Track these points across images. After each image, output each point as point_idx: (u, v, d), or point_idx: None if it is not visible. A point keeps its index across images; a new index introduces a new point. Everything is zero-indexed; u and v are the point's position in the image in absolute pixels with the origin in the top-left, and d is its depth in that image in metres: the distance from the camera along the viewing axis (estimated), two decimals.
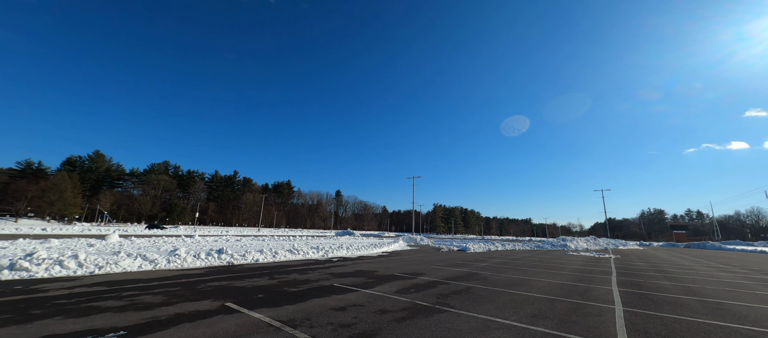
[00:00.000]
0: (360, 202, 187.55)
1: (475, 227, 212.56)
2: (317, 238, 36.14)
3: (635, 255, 25.05)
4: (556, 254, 23.14)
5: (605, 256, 21.68)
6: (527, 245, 29.67)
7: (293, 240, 29.39)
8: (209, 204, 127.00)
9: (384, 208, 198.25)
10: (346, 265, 12.26)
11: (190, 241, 20.06)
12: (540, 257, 19.87)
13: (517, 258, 18.66)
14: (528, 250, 26.84)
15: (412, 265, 12.95)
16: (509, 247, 28.21)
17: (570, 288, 8.59)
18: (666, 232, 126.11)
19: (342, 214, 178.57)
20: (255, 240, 24.81)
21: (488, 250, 24.64)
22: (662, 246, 56.68)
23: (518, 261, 16.72)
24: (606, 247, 34.03)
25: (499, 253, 22.10)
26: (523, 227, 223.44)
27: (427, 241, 36.04)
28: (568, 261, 17.65)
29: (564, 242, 31.91)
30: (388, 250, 21.84)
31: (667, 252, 30.40)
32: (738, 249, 40.37)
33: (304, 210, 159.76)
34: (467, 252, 22.69)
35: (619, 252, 28.37)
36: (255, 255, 12.71)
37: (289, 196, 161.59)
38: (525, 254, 22.19)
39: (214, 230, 53.80)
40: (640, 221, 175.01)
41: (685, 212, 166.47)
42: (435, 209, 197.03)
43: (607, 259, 19.59)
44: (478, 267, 12.82)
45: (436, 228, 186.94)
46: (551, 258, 19.51)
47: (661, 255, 26.60)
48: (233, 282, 7.79)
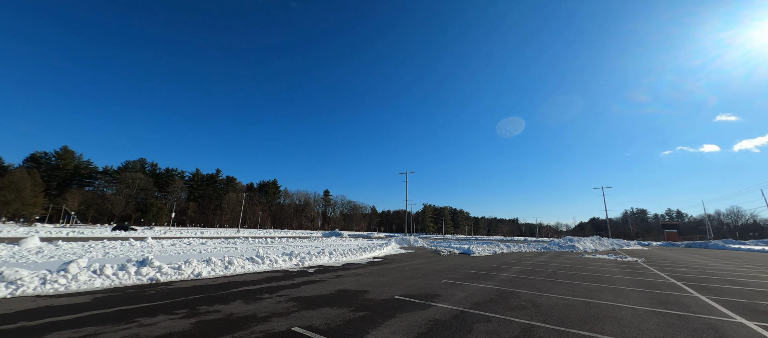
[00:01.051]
0: (349, 202, 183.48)
1: (464, 227, 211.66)
2: (299, 240, 32.35)
3: (658, 257, 22.53)
4: (574, 258, 20.25)
5: (630, 259, 18.92)
6: (532, 246, 26.92)
7: (269, 242, 25.51)
8: (189, 204, 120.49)
9: (373, 208, 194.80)
10: (324, 281, 8.73)
11: (128, 246, 16.05)
12: (562, 262, 16.87)
13: (536, 264, 15.54)
14: (537, 253, 23.96)
15: (415, 279, 9.53)
16: (514, 249, 25.29)
17: (681, 324, 5.35)
18: (653, 231, 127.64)
19: (330, 215, 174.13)
20: (224, 244, 20.94)
21: (494, 253, 21.60)
22: (663, 245, 55.35)
23: (543, 268, 13.56)
24: (613, 247, 31.69)
25: (511, 257, 19.03)
26: (511, 227, 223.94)
27: (421, 242, 32.81)
28: (600, 267, 14.66)
29: (571, 243, 29.30)
30: (380, 255, 18.39)
31: (682, 253, 28.24)
32: (743, 249, 38.90)
33: (290, 210, 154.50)
34: (472, 255, 19.53)
35: (634, 253, 25.94)
36: (197, 268, 9.04)
37: (276, 196, 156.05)
38: (541, 258, 19.17)
39: (188, 231, 49.15)
40: (623, 220, 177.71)
41: (666, 211, 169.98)
42: (424, 209, 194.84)
43: (639, 264, 16.76)
44: (505, 282, 9.52)
45: (426, 229, 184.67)
46: (576, 263, 16.53)
47: (684, 257, 24.19)
48: (105, 329, 4.18)
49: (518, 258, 18.15)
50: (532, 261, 16.51)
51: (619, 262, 17.10)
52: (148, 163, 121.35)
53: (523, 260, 17.23)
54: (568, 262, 16.60)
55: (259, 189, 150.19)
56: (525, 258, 18.31)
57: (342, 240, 38.42)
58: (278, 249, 16.84)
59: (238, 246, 19.09)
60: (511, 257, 19.00)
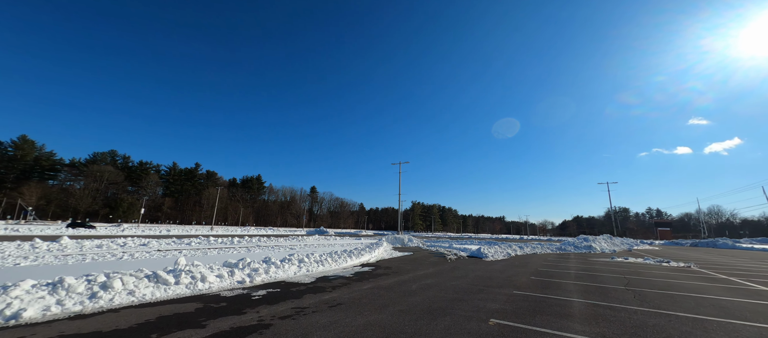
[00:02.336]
0: (336, 199, 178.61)
1: (452, 225, 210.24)
2: (274, 239, 27.77)
3: (696, 259, 19.26)
4: (614, 263, 16.63)
5: (681, 264, 15.42)
6: (544, 246, 23.37)
7: (236, 242, 20.88)
8: (165, 200, 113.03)
9: (361, 206, 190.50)
10: (266, 326, 4.46)
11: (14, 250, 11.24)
12: (611, 269, 13.13)
13: (585, 275, 11.68)
14: (559, 255, 20.33)
15: (437, 313, 5.39)
16: (528, 250, 21.59)
17: None
18: (641, 230, 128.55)
19: (317, 212, 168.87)
20: (174, 246, 16.26)
21: (509, 256, 17.80)
22: (667, 244, 53.39)
23: (604, 282, 9.64)
24: (630, 248, 28.65)
25: (537, 262, 15.20)
26: (498, 225, 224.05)
27: (416, 242, 28.82)
28: (667, 276, 10.94)
29: (587, 242, 25.94)
30: (370, 260, 14.19)
31: (705, 253, 25.25)
32: (757, 248, 36.83)
33: (275, 207, 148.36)
34: (485, 259, 15.60)
35: (657, 253, 22.74)
36: (23, 300, 4.60)
37: (259, 192, 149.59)
38: (575, 263, 15.42)
39: (155, 229, 43.72)
40: (606, 219, 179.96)
41: (646, 210, 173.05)
42: (413, 206, 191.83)
43: (691, 268, 13.22)
44: (590, 317, 5.48)
45: (414, 227, 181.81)
46: (627, 270, 12.81)
47: (721, 259, 21.01)
48: None
49: (549, 265, 14.33)
50: (570, 269, 12.72)
51: (673, 268, 13.58)
52: (119, 156, 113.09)
53: (557, 267, 13.42)
54: (619, 270, 12.89)
55: (241, 184, 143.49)
56: (556, 264, 14.51)
57: (325, 239, 34.02)
58: (217, 258, 12.41)
59: (184, 250, 14.54)
60: (537, 262, 15.22)
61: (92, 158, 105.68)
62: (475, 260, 15.61)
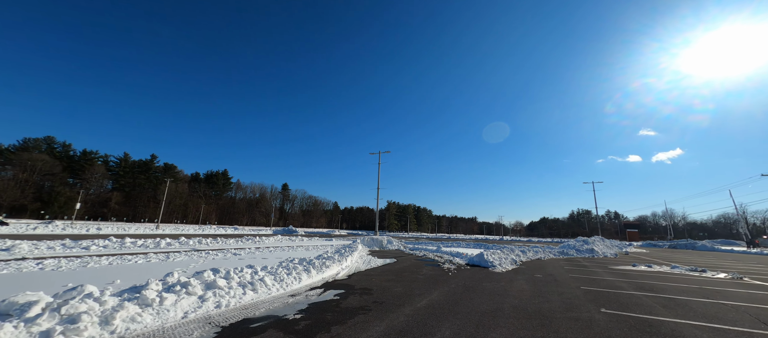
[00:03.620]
0: (309, 197, 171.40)
1: (427, 225, 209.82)
2: (224, 240, 22.53)
3: (714, 266, 16.88)
4: (642, 272, 13.51)
5: (721, 276, 12.59)
6: (547, 250, 20.18)
7: (163, 245, 15.56)
8: (113, 195, 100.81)
9: (335, 204, 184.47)
10: None
11: None
12: (664, 285, 9.77)
13: (642, 293, 8.14)
14: (570, 260, 17.09)
15: None
16: (532, 255, 18.22)
17: None
18: (607, 231, 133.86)
19: (288, 210, 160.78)
20: (53, 250, 10.93)
21: (516, 263, 14.22)
22: (645, 245, 53.55)
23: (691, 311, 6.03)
24: (625, 250, 26.51)
25: (564, 274, 11.67)
26: (471, 225, 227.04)
27: (396, 243, 24.80)
28: (739, 293, 7.69)
29: (588, 245, 23.27)
30: (339, 276, 9.87)
31: (700, 256, 23.57)
32: (737, 251, 36.85)
33: (242, 204, 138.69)
34: (494, 270, 11.82)
35: (660, 257, 20.44)
36: None
37: (226, 188, 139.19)
38: (600, 273, 12.03)
39: (84, 226, 36.15)
40: (570, 221, 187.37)
41: (605, 213, 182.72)
42: (389, 206, 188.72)
43: (744, 281, 10.28)
44: None
45: (390, 226, 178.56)
46: (682, 287, 9.53)
47: (736, 264, 18.88)
48: None
49: (586, 279, 10.79)
50: (622, 287, 9.22)
51: (724, 281, 10.59)
52: (58, 143, 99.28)
53: (601, 282, 9.88)
54: (680, 288, 9.58)
55: (205, 180, 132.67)
56: (592, 278, 11.02)
57: (291, 240, 29.08)
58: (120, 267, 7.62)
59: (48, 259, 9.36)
60: (563, 274, 11.68)
61: (22, 144, 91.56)
62: (482, 271, 11.77)
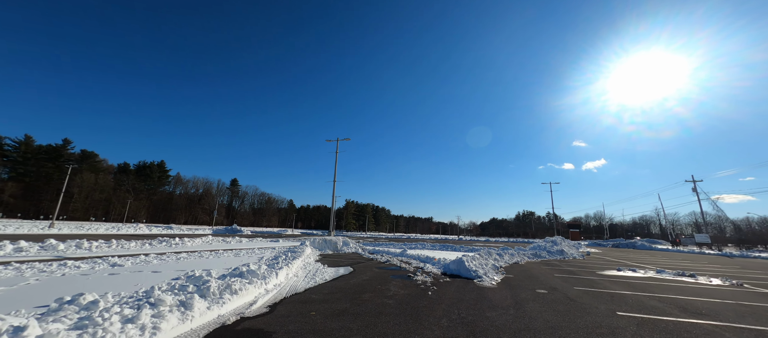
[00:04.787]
0: (262, 194, 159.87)
1: (385, 224, 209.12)
2: (132, 241, 16.99)
3: (681, 267, 16.10)
4: (639, 280, 11.66)
5: (696, 278, 11.19)
6: (523, 253, 18.04)
7: None
8: (7, 185, 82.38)
9: (290, 202, 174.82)
10: None
11: None
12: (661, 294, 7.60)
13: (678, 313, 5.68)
14: (556, 267, 15.02)
15: None
16: (508, 259, 15.91)
17: None
18: (550, 231, 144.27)
19: (238, 207, 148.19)
20: None
21: (496, 269, 11.60)
22: (591, 244, 56.19)
23: None
24: (588, 252, 26.00)
25: (562, 284, 9.14)
26: (429, 225, 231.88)
27: (353, 245, 21.25)
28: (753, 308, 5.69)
29: (557, 246, 21.92)
30: (260, 304, 6.12)
31: (663, 257, 23.84)
32: (672, 250, 39.66)
33: (182, 200, 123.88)
34: (483, 284, 8.92)
35: (624, 258, 19.78)
36: None
37: (162, 182, 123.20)
38: (609, 285, 9.78)
39: None
40: (517, 221, 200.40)
41: (546, 214, 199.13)
42: (347, 205, 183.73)
43: (744, 287, 8.78)
44: None
45: (347, 226, 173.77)
46: (692, 296, 7.44)
47: (695, 266, 18.55)
48: None
49: (583, 292, 8.33)
50: (642, 306, 6.80)
51: (724, 288, 8.95)
52: None
53: (617, 301, 7.44)
54: (688, 298, 7.47)
55: (136, 172, 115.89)
56: (601, 296, 8.61)
57: (225, 242, 23.95)
58: None
59: None
60: (553, 282, 9.18)
61: None
62: (468, 285, 8.77)
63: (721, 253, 36.48)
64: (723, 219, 66.59)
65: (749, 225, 67.84)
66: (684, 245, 57.53)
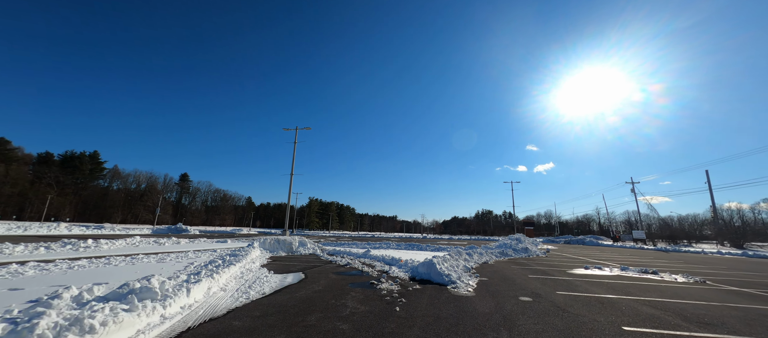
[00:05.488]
0: (216, 191, 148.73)
1: (350, 223, 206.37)
2: (31, 245, 13.23)
3: (628, 262, 16.45)
4: (612, 276, 11.12)
5: (659, 275, 11.05)
6: (490, 252, 17.25)
7: None
8: None
9: (249, 200, 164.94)
10: None
11: None
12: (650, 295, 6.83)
13: None
14: (527, 266, 14.25)
15: None
16: (477, 258, 14.97)
17: None
18: (506, 229, 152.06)
19: (188, 204, 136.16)
20: None
21: (468, 270, 10.42)
22: (545, 241, 58.92)
23: None
24: (548, 248, 26.45)
25: (543, 288, 8.06)
26: (393, 224, 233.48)
27: (311, 246, 19.12)
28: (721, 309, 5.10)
29: (521, 243, 21.68)
30: (175, 329, 4.02)
31: (619, 253, 24.93)
32: (605, 244, 42.68)
33: (119, 196, 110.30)
34: (459, 292, 7.52)
35: (585, 255, 20.12)
36: None
37: (95, 175, 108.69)
38: (590, 287, 8.93)
39: None
40: (476, 219, 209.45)
41: (502, 213, 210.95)
42: (310, 203, 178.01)
43: (707, 284, 8.52)
44: None
45: (310, 225, 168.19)
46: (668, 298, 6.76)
47: (645, 260, 19.23)
48: None
49: (569, 298, 7.31)
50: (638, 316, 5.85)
51: (687, 286, 8.64)
52: None
53: (610, 309, 6.45)
54: (676, 301, 6.76)
55: (61, 163, 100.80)
56: (588, 302, 7.65)
57: (158, 243, 20.43)
58: None
59: None
60: (532, 286, 8.12)
61: None
62: (442, 294, 7.32)
63: (657, 248, 39.98)
64: (651, 217, 74.44)
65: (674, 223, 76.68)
66: (623, 241, 63.00)
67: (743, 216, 55.94)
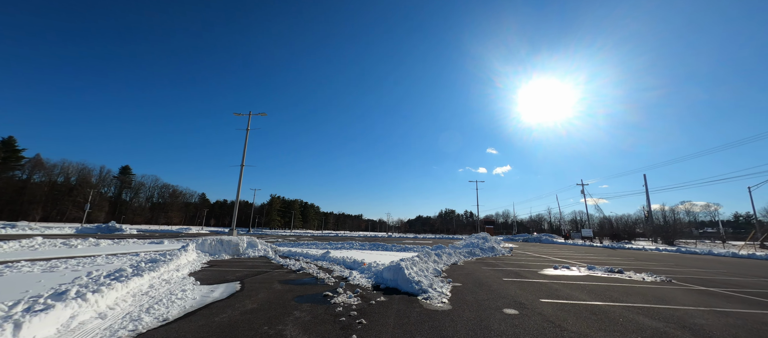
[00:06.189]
0: (165, 186, 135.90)
1: (313, 222, 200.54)
2: None
3: (588, 260, 16.60)
4: (585, 277, 10.50)
5: (625, 274, 10.83)
6: (459, 252, 16.18)
7: None
8: None
9: (202, 196, 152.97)
10: None
11: None
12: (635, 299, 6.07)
13: None
14: (487, 263, 13.37)
15: None
16: (446, 259, 13.84)
17: None
18: (467, 227, 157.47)
19: (130, 201, 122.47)
20: None
21: (438, 273, 9.17)
22: (505, 239, 60.77)
23: None
24: (511, 247, 26.53)
25: (526, 295, 6.97)
26: (358, 222, 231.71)
27: (263, 247, 16.82)
28: None
29: (489, 243, 21.21)
30: None
31: (573, 250, 25.68)
32: (560, 242, 45.02)
33: (42, 190, 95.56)
34: (433, 304, 6.12)
35: (547, 253, 20.22)
36: None
37: (10, 165, 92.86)
38: (574, 291, 8.04)
39: None
40: (439, 218, 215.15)
41: (464, 212, 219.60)
42: (272, 201, 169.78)
43: (673, 283, 8.26)
44: None
45: (271, 223, 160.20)
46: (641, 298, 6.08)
47: (601, 259, 19.67)
48: None
49: (555, 306, 6.29)
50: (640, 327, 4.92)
51: (655, 284, 8.30)
52: None
53: (606, 324, 5.46)
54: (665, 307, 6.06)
55: None
56: (577, 311, 6.67)
57: (63, 246, 16.76)
58: None
59: None
60: (512, 292, 7.04)
61: None
62: (412, 307, 5.86)
63: (604, 245, 42.84)
64: (593, 217, 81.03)
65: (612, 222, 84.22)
66: (573, 239, 67.45)
67: (665, 216, 62.65)
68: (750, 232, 40.14)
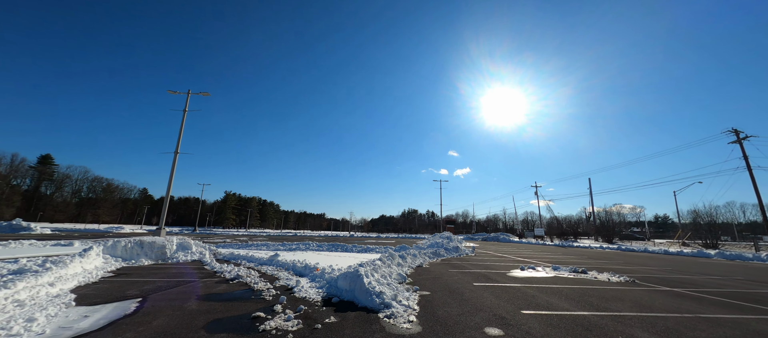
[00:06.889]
0: (96, 179, 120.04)
1: (272, 221, 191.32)
2: None
3: (547, 259, 16.65)
4: (554, 278, 9.85)
5: (593, 275, 10.55)
6: (424, 253, 15.13)
7: None
8: None
9: (144, 192, 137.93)
10: None
11: None
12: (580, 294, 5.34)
13: None
14: (452, 264, 12.35)
15: None
16: (410, 261, 12.62)
17: None
18: (429, 226, 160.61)
19: (51, 195, 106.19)
20: None
21: (403, 278, 7.86)
22: (467, 238, 61.81)
23: None
24: (473, 246, 26.32)
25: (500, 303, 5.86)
26: (321, 221, 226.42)
27: (199, 249, 14.28)
28: None
29: (452, 242, 20.38)
30: None
31: (526, 248, 26.16)
32: (524, 241, 46.88)
33: None
34: (393, 321, 4.75)
35: (509, 252, 20.16)
36: None
37: None
38: (550, 296, 7.14)
39: None
40: (402, 218, 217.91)
41: (426, 211, 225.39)
42: (226, 198, 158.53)
43: (636, 283, 8.03)
44: None
45: (225, 221, 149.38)
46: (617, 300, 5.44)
47: (568, 259, 19.98)
48: None
49: (537, 318, 5.26)
50: None
51: (620, 285, 7.96)
52: None
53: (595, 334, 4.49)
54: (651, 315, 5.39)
55: None
56: (560, 322, 5.70)
57: None
58: None
59: None
60: (485, 302, 5.97)
61: None
62: (372, 330, 4.43)
63: (555, 244, 45.45)
64: (543, 217, 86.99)
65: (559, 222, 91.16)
66: (526, 237, 71.25)
67: (603, 217, 69.08)
68: (670, 232, 45.12)
